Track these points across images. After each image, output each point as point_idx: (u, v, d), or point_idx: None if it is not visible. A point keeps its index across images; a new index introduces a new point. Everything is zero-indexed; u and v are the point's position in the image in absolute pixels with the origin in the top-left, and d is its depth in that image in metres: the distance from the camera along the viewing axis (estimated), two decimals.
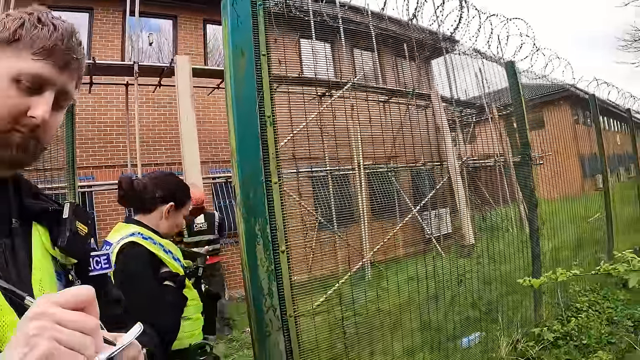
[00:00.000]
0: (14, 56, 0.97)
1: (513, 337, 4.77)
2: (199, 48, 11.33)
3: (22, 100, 0.97)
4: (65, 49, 1.01)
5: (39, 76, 0.98)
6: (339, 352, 3.55)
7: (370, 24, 4.92)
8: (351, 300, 3.99)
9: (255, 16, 2.80)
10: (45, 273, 1.04)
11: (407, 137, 4.72)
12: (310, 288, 3.24)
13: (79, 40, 1.07)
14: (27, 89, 0.97)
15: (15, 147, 0.98)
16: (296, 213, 5.24)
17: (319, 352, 3.00)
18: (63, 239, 1.09)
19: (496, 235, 6.86)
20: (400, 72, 7.08)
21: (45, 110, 0.98)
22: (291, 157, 4.06)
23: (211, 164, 10.32)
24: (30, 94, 0.98)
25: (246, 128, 2.62)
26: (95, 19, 10.11)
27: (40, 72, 0.98)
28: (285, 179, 2.87)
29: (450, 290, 4.92)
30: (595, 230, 7.89)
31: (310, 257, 5.20)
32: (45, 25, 0.99)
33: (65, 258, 1.11)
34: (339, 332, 3.60)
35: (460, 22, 5.86)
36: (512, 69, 5.44)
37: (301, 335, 2.68)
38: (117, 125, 9.73)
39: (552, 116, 7.75)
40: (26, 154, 1.00)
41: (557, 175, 7.44)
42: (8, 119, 0.96)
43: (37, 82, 0.98)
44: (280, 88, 3.31)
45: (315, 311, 3.20)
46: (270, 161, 2.60)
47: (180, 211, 2.49)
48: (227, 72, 2.68)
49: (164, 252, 2.25)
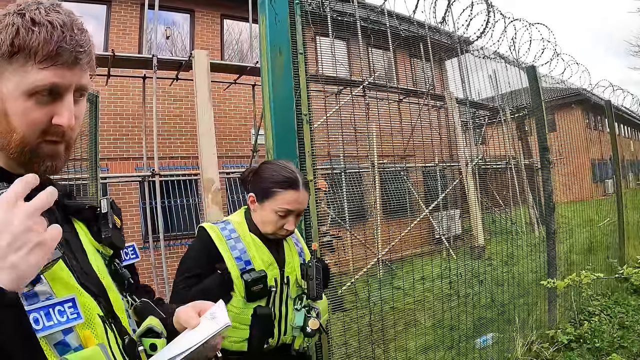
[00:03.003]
0: (19, 70, 0.89)
1: (528, 338, 4.82)
2: (215, 43, 11.36)
3: (43, 111, 0.92)
4: (70, 46, 0.92)
5: (54, 84, 0.91)
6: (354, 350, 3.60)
7: (400, 27, 4.99)
8: (366, 298, 4.04)
9: (293, 15, 2.84)
10: (99, 262, 1.11)
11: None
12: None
13: (81, 28, 0.97)
14: (45, 99, 0.92)
15: (49, 158, 0.97)
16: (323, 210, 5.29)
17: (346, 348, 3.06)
18: (107, 232, 1.15)
19: (508, 238, 6.90)
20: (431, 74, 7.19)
21: (69, 116, 0.94)
22: (325, 154, 4.11)
23: (225, 158, 10.36)
24: (49, 102, 0.93)
25: (283, 126, 2.65)
26: (113, 11, 10.16)
27: (53, 80, 0.91)
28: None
29: (472, 290, 4.97)
30: (605, 235, 7.91)
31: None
32: (42, 25, 0.89)
33: (104, 249, 1.17)
34: (355, 329, 3.65)
35: (487, 27, 5.89)
36: (533, 74, 5.48)
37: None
38: (133, 117, 9.78)
39: (567, 120, 7.77)
40: (59, 159, 0.99)
41: (569, 179, 7.46)
42: (35, 134, 0.93)
43: (54, 90, 0.92)
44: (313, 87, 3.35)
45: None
46: (307, 159, 2.64)
47: (264, 205, 2.08)
48: (264, 70, 2.71)
49: (229, 246, 2.05)
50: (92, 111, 5.05)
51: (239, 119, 11.21)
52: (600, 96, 8.90)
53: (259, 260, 2.06)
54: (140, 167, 9.33)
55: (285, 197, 2.02)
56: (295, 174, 2.06)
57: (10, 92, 0.90)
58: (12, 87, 0.90)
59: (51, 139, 0.95)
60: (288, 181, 2.03)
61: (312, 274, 2.08)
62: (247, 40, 11.75)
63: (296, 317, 2.09)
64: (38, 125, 0.92)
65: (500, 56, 5.93)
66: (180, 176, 9.63)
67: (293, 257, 2.19)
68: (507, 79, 6.09)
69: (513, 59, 6.03)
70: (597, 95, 8.84)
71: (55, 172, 1.00)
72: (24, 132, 0.91)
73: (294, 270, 2.15)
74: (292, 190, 2.01)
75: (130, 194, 9.72)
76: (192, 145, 9.97)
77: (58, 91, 0.93)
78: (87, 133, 5.00)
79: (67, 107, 0.94)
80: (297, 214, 2.09)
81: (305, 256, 2.25)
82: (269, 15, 2.68)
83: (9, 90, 0.90)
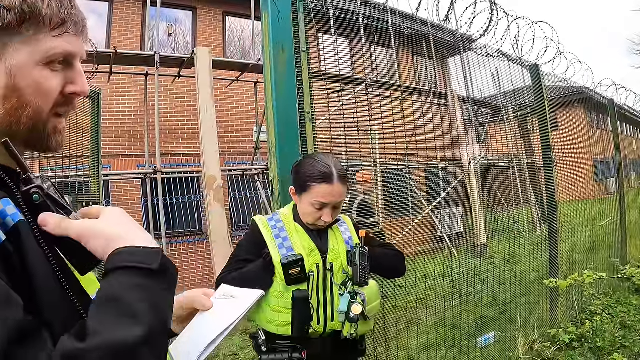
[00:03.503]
0: (32, 39, 0.85)
1: (530, 337, 4.82)
2: (218, 40, 11.35)
3: (57, 80, 0.90)
4: (77, 14, 0.91)
5: (68, 52, 0.90)
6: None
7: (404, 25, 4.99)
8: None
9: (296, 12, 2.83)
10: None
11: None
12: None
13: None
14: (58, 68, 0.89)
15: (58, 133, 0.94)
16: None
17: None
18: None
19: (510, 236, 6.89)
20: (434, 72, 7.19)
21: (84, 82, 0.94)
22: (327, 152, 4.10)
23: (227, 156, 10.35)
24: (61, 71, 0.90)
25: (286, 124, 2.65)
26: (115, 8, 10.15)
27: (67, 48, 0.89)
28: None
29: (474, 289, 4.97)
30: (608, 234, 7.90)
31: None
32: None
33: None
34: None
35: (490, 25, 5.88)
36: (536, 72, 5.46)
37: None
38: (135, 115, 9.77)
39: (569, 119, 7.76)
40: (64, 135, 0.97)
41: (571, 177, 7.45)
42: (48, 106, 0.89)
43: (67, 59, 0.90)
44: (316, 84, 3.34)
45: None
46: None
47: (302, 198, 2.18)
48: (267, 68, 2.70)
49: (274, 235, 2.19)
50: (94, 108, 5.07)
51: (241, 117, 11.21)
52: (603, 95, 8.89)
53: (300, 247, 2.16)
54: (142, 165, 9.33)
55: (320, 190, 2.11)
56: (330, 168, 2.13)
57: (23, 63, 0.84)
58: (24, 57, 0.85)
59: (59, 112, 0.93)
60: (322, 175, 2.11)
61: (356, 260, 2.13)
62: (249, 37, 11.74)
63: (340, 303, 2.14)
64: (52, 96, 0.89)
65: (503, 54, 5.92)
66: (182, 173, 9.64)
67: (338, 244, 2.26)
68: (510, 77, 6.09)
69: (516, 57, 6.03)
70: (600, 94, 8.83)
71: (60, 149, 0.98)
72: (37, 106, 0.87)
73: (338, 257, 2.22)
74: (325, 184, 2.09)
75: (132, 191, 9.72)
76: (194, 143, 9.96)
77: (70, 60, 0.91)
78: (89, 130, 5.00)
79: (80, 74, 0.94)
80: (333, 206, 2.16)
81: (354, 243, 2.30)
82: (271, 12, 2.67)
83: (19, 62, 0.84)
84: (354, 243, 2.27)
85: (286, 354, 2.11)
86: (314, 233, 2.25)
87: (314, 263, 2.15)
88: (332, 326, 2.17)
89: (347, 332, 2.14)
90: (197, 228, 10.22)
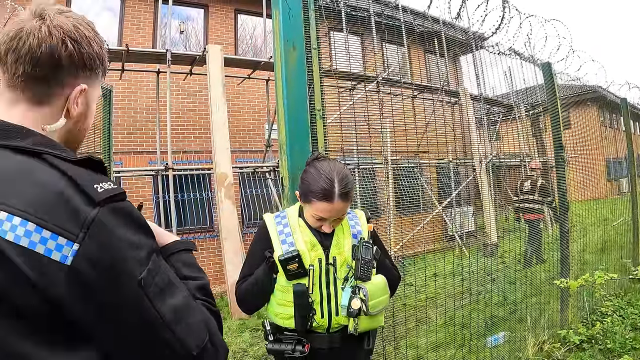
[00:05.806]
0: (99, 80, 1.15)
1: (539, 338, 4.79)
2: (229, 37, 11.37)
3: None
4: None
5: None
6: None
7: (415, 22, 4.97)
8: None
9: (307, 9, 2.82)
10: None
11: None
12: None
13: None
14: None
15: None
16: None
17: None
18: None
19: (521, 235, 6.86)
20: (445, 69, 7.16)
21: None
22: (338, 150, 4.10)
23: (239, 153, 10.38)
24: None
25: (297, 121, 2.64)
26: (127, 5, 10.19)
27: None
28: None
29: (484, 288, 4.95)
30: (619, 235, 7.83)
31: None
32: (102, 41, 1.12)
33: None
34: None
35: (502, 23, 5.84)
36: (548, 70, 5.42)
37: None
38: (146, 112, 9.81)
39: (581, 117, 7.70)
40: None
41: (583, 177, 7.40)
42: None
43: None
44: (327, 82, 3.34)
45: None
46: None
47: (305, 205, 2.21)
48: (277, 66, 2.70)
49: (278, 230, 2.23)
50: (106, 105, 5.09)
51: (253, 114, 11.22)
52: (616, 94, 8.80)
53: (302, 242, 2.18)
54: (154, 161, 9.38)
55: (319, 207, 2.11)
56: (332, 185, 2.09)
57: (94, 98, 1.15)
58: (96, 94, 1.15)
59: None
60: (322, 193, 2.08)
61: (359, 254, 2.14)
62: (261, 35, 11.75)
63: (342, 297, 2.15)
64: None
65: (515, 52, 5.88)
66: (194, 170, 9.66)
67: (344, 239, 2.25)
68: (522, 76, 6.05)
69: (528, 56, 5.97)
70: (613, 93, 8.74)
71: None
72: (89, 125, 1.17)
73: (342, 251, 2.22)
74: (325, 202, 2.08)
75: (143, 187, 9.77)
76: (205, 140, 10.00)
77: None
78: (101, 127, 5.02)
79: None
80: (333, 219, 2.18)
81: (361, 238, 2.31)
82: (282, 10, 2.67)
83: (93, 97, 1.14)
84: (362, 237, 2.26)
85: (290, 346, 2.16)
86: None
87: (316, 257, 2.17)
88: (338, 320, 2.19)
89: (352, 327, 2.14)
90: (208, 225, 10.26)
